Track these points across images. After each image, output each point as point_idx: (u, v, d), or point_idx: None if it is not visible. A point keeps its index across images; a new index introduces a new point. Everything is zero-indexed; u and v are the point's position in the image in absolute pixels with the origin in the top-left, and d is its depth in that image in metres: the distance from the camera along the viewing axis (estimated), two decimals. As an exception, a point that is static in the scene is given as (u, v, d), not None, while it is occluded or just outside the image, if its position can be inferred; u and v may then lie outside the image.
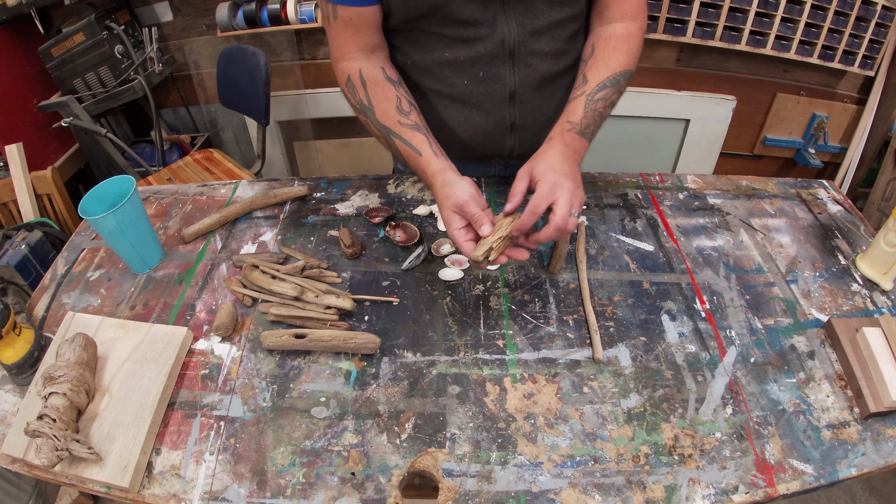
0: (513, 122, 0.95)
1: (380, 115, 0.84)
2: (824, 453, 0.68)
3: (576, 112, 0.81)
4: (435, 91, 0.92)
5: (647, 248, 0.96)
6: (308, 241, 0.99)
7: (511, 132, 0.97)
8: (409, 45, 0.89)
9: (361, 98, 0.86)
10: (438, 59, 0.87)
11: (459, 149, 0.99)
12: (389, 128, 0.83)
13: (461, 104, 0.93)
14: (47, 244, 1.71)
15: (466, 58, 0.86)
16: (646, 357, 0.79)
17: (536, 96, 0.92)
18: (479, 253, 0.70)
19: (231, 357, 0.80)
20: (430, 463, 0.67)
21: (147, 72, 2.01)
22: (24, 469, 0.68)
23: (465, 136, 0.96)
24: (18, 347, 0.75)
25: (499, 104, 0.92)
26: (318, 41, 2.17)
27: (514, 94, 0.91)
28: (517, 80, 0.89)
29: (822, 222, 1.03)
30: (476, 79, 0.89)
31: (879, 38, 2.00)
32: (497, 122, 0.94)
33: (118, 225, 0.85)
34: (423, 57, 0.88)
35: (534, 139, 0.98)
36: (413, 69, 0.91)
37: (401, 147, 0.83)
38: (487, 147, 0.99)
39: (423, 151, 0.80)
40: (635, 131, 2.18)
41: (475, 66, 0.87)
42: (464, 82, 0.89)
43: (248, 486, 0.66)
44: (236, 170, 1.96)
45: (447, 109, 0.94)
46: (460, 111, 0.93)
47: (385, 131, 0.84)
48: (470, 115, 0.94)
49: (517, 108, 0.93)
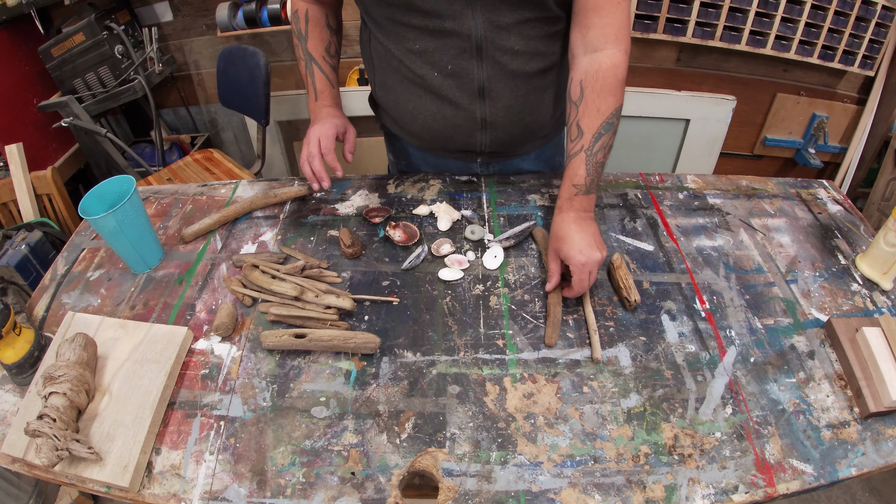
0: (483, 117, 0.96)
1: (310, 45, 1.02)
2: (824, 453, 0.68)
3: (578, 173, 0.83)
4: (409, 80, 0.95)
5: (647, 247, 0.96)
6: (308, 241, 0.99)
7: (482, 128, 0.98)
8: (385, 34, 0.92)
9: (301, 28, 1.02)
10: (410, 49, 0.90)
11: (432, 140, 1.04)
12: (314, 57, 1.02)
13: (433, 95, 0.95)
14: (47, 244, 1.71)
15: (434, 49, 0.88)
16: (646, 357, 0.79)
17: (508, 94, 0.93)
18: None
19: (231, 357, 0.80)
20: (430, 463, 0.67)
21: (147, 72, 2.01)
22: (24, 469, 0.68)
23: (437, 127, 0.99)
24: (18, 347, 0.75)
25: (469, 98, 0.93)
26: (318, 41, 2.17)
27: (482, 89, 0.92)
28: (485, 75, 0.90)
29: (822, 222, 1.03)
30: (445, 71, 0.90)
31: (879, 38, 2.00)
32: (468, 117, 0.96)
33: (118, 225, 0.85)
34: (397, 46, 0.91)
35: (506, 138, 1.00)
36: (390, 57, 0.94)
37: (317, 74, 1.02)
38: (459, 141, 1.02)
39: (321, 87, 1.02)
40: (635, 131, 2.18)
41: (444, 58, 0.89)
42: (433, 73, 0.91)
43: (248, 485, 0.66)
44: (236, 170, 1.96)
45: (421, 99, 0.96)
46: (432, 102, 0.96)
47: (308, 57, 1.02)
48: (441, 107, 0.96)
49: (487, 105, 0.94)
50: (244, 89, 1.89)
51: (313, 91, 1.02)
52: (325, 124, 0.98)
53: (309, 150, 0.96)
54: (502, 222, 1.02)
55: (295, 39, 1.04)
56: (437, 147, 1.07)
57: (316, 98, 1.02)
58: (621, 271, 0.87)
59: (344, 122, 1.01)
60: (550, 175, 1.13)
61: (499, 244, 0.96)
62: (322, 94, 1.02)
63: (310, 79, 1.02)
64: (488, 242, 0.97)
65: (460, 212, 1.03)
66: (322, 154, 0.95)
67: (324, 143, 0.96)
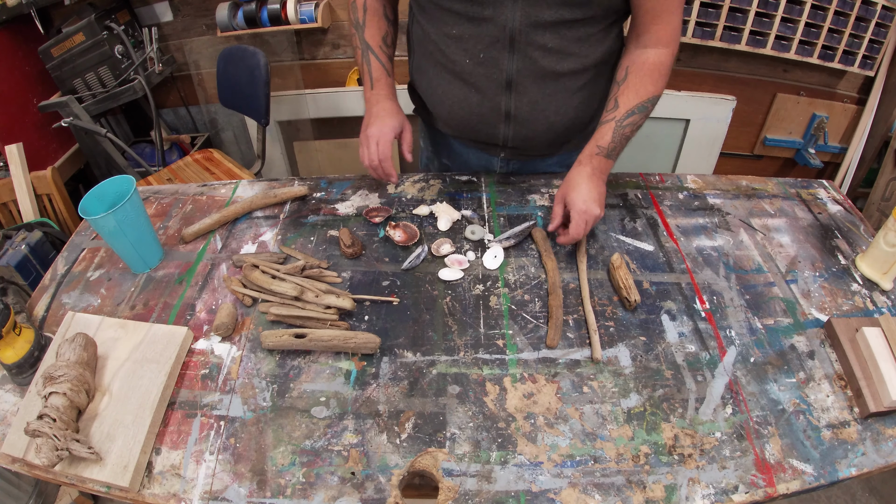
0: (508, 110, 0.97)
1: (367, 34, 1.03)
2: (824, 453, 0.68)
3: (605, 137, 0.90)
4: (442, 65, 0.97)
5: (647, 247, 0.96)
6: (308, 241, 0.99)
7: (506, 121, 0.99)
8: (425, 17, 0.95)
9: (359, 17, 1.03)
10: (447, 33, 0.93)
11: (456, 126, 1.06)
12: (371, 46, 1.02)
13: (461, 82, 0.97)
14: (47, 244, 1.71)
15: (470, 35, 0.90)
16: (646, 357, 0.79)
17: (535, 90, 0.94)
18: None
19: (231, 357, 0.80)
20: (430, 462, 0.67)
21: (147, 72, 2.01)
22: (24, 469, 0.68)
23: (462, 114, 1.01)
24: (18, 347, 0.75)
25: (495, 89, 0.94)
26: (318, 41, 2.17)
27: (510, 82, 0.93)
28: (515, 68, 0.91)
29: (822, 222, 1.03)
30: (476, 59, 0.92)
31: (879, 38, 1.99)
32: (492, 107, 0.97)
33: (118, 225, 0.85)
34: (435, 29, 0.94)
35: (529, 133, 1.00)
36: (428, 41, 0.97)
37: (373, 62, 1.02)
38: (482, 132, 1.03)
39: (377, 75, 1.03)
40: (635, 131, 2.17)
41: (477, 46, 0.90)
42: (465, 60, 0.93)
43: (248, 485, 0.66)
44: (236, 170, 1.96)
45: (450, 85, 0.99)
46: (460, 89, 0.98)
47: (365, 46, 1.03)
48: (468, 94, 0.97)
49: (513, 98, 0.95)
50: (244, 89, 1.89)
51: (369, 79, 1.03)
52: (383, 125, 0.99)
53: (370, 156, 0.99)
54: (502, 222, 1.02)
55: (352, 29, 1.05)
56: (462, 135, 1.10)
57: (372, 86, 1.03)
58: (621, 271, 0.87)
59: (401, 119, 1.02)
60: (551, 175, 1.13)
61: (499, 244, 0.96)
62: (378, 82, 1.03)
63: (366, 67, 1.03)
64: (488, 242, 0.97)
65: (460, 212, 1.03)
66: (380, 161, 0.99)
67: (381, 149, 0.98)
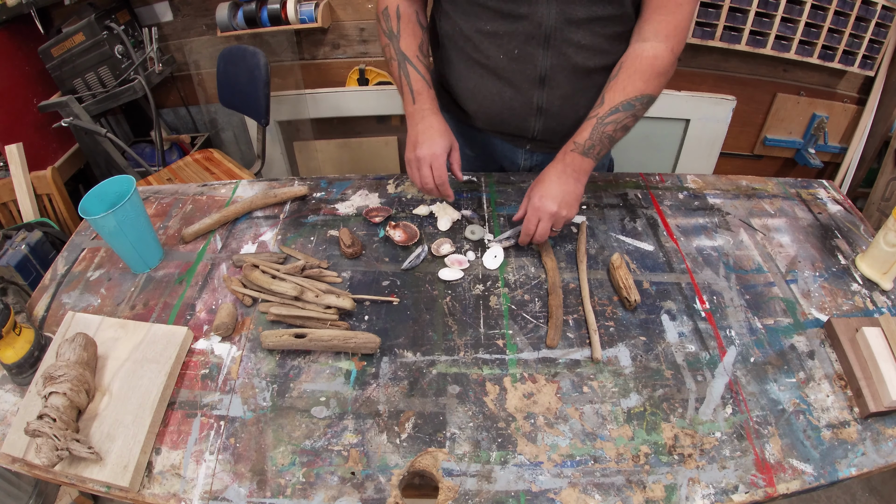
0: (540, 104, 0.97)
1: (403, 44, 0.96)
2: (824, 453, 0.68)
3: (582, 134, 0.88)
4: (474, 60, 0.97)
5: (647, 247, 0.96)
6: (308, 240, 0.99)
7: (537, 114, 0.99)
8: (458, 12, 0.94)
9: (392, 26, 0.97)
10: (481, 29, 0.92)
11: (486, 119, 1.05)
12: (408, 56, 0.95)
13: (495, 77, 0.96)
14: (47, 244, 1.71)
15: (505, 32, 0.90)
16: (646, 357, 0.79)
17: (567, 85, 0.95)
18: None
19: (231, 357, 0.80)
20: (430, 462, 0.67)
21: (147, 72, 2.00)
22: (24, 469, 0.68)
23: (494, 108, 1.00)
24: (18, 347, 0.75)
25: (529, 84, 0.95)
26: (318, 41, 2.17)
27: (544, 77, 0.93)
28: (549, 64, 0.91)
29: (822, 222, 1.03)
30: (511, 55, 0.92)
31: (879, 38, 1.99)
32: (525, 102, 0.97)
33: (118, 225, 0.85)
34: (468, 25, 0.93)
35: (558, 127, 1.01)
36: (459, 36, 0.97)
37: (412, 74, 0.95)
38: (512, 124, 1.03)
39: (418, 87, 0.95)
40: (635, 131, 2.15)
41: (511, 42, 0.91)
42: (500, 56, 0.93)
43: (248, 485, 0.66)
44: (236, 170, 1.96)
45: (482, 79, 0.98)
46: (493, 83, 0.97)
47: (402, 57, 0.96)
48: (501, 89, 0.97)
49: (546, 92, 0.95)
50: (244, 89, 1.89)
51: (410, 93, 0.96)
52: (434, 144, 0.92)
53: (424, 180, 0.93)
54: (502, 222, 1.02)
55: (384, 39, 0.99)
56: (490, 128, 1.08)
57: (414, 100, 0.96)
58: (621, 271, 0.87)
59: (451, 137, 0.96)
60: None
61: (499, 244, 0.96)
62: (420, 95, 0.96)
63: (405, 80, 0.96)
64: (488, 242, 0.97)
65: (460, 212, 1.03)
66: (437, 185, 0.93)
67: (438, 172, 0.92)
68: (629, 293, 0.84)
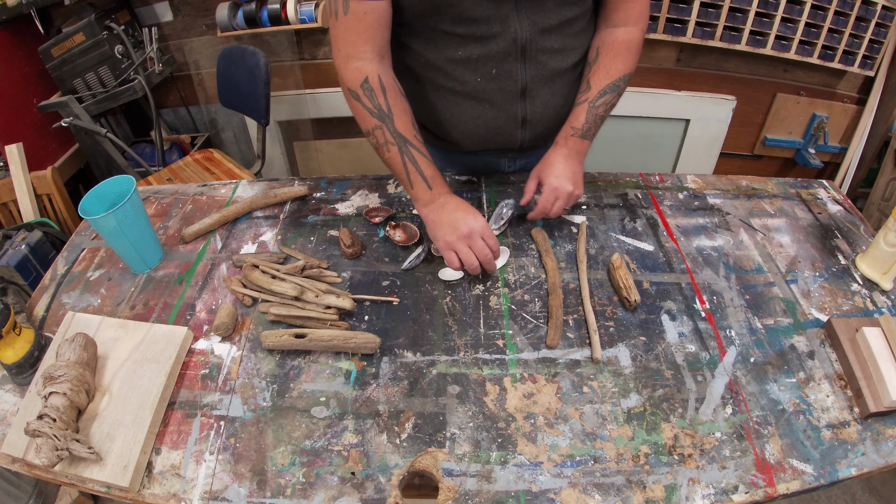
0: (524, 116, 0.96)
1: (399, 125, 0.85)
2: (824, 453, 0.68)
3: (578, 118, 0.92)
4: (447, 88, 0.93)
5: (647, 247, 0.96)
6: (308, 240, 0.99)
7: (522, 126, 0.98)
8: (421, 43, 0.89)
9: (381, 103, 0.85)
10: (451, 57, 0.88)
11: (471, 142, 1.02)
12: (408, 139, 0.86)
13: (473, 101, 0.94)
14: (47, 244, 1.71)
15: (480, 55, 0.88)
16: (646, 357, 0.79)
17: (545, 91, 0.94)
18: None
19: (231, 357, 0.80)
20: (430, 463, 0.67)
21: (147, 72, 2.01)
22: (24, 469, 0.68)
23: (478, 130, 0.99)
24: (18, 347, 0.75)
25: (510, 100, 0.94)
26: (318, 41, 2.17)
27: (525, 89, 0.92)
28: (528, 76, 0.91)
29: (822, 222, 1.03)
30: (489, 76, 0.90)
31: (879, 38, 1.99)
32: (509, 117, 0.96)
33: (118, 225, 0.85)
34: (436, 55, 0.89)
35: (542, 132, 1.01)
36: (426, 67, 0.92)
37: (419, 160, 0.86)
38: (499, 141, 1.01)
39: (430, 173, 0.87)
40: (635, 131, 2.17)
41: (488, 64, 0.89)
42: (476, 79, 0.91)
43: (248, 485, 0.66)
44: (236, 170, 1.96)
45: (459, 106, 0.96)
46: (472, 107, 0.95)
47: (402, 140, 0.85)
48: (482, 110, 0.95)
49: (528, 103, 0.95)
50: (244, 89, 1.89)
51: (423, 181, 0.87)
52: (476, 217, 0.85)
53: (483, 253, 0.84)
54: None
55: (372, 120, 0.86)
56: (477, 148, 1.05)
57: (430, 187, 0.87)
58: (621, 271, 0.87)
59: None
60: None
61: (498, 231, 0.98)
62: (434, 180, 0.87)
63: (412, 166, 0.86)
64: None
65: (460, 212, 1.03)
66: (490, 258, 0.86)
67: (491, 242, 0.85)
68: (629, 293, 0.84)
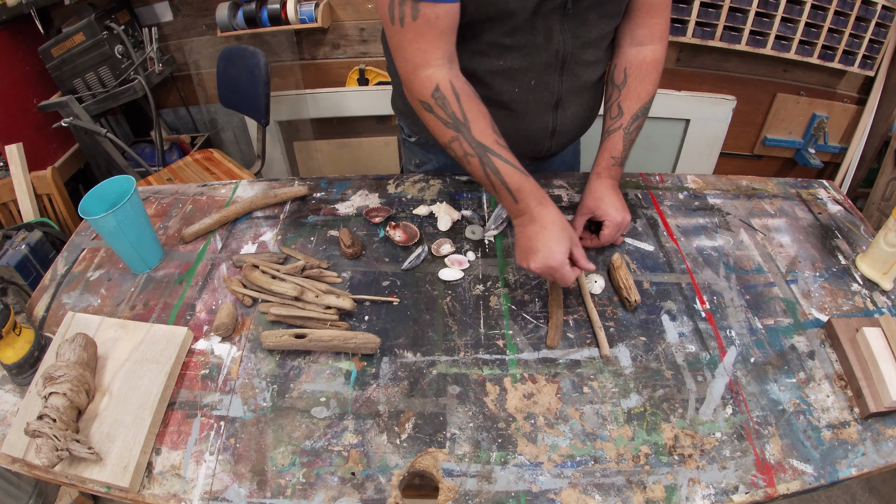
0: (554, 127, 0.97)
1: (476, 132, 0.79)
2: (824, 453, 0.68)
3: (616, 147, 0.93)
4: (483, 97, 0.85)
5: (647, 247, 0.96)
6: (308, 241, 0.99)
7: (551, 136, 0.99)
8: (463, 52, 0.84)
9: (455, 111, 0.79)
10: (491, 68, 0.87)
11: None
12: (487, 146, 0.79)
13: (507, 111, 0.92)
14: (47, 244, 1.71)
15: (521, 67, 0.87)
16: (646, 357, 0.79)
17: (575, 102, 0.95)
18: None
19: (231, 357, 0.80)
20: (430, 463, 0.67)
21: (147, 72, 2.01)
22: (24, 469, 0.68)
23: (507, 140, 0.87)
24: (18, 347, 0.75)
25: (544, 111, 0.94)
26: (318, 41, 2.17)
27: (559, 101, 0.93)
28: (564, 88, 0.91)
29: (822, 222, 1.03)
30: (527, 87, 0.90)
31: (879, 38, 1.99)
32: (540, 128, 0.96)
33: (118, 225, 0.85)
34: (477, 65, 0.87)
35: (566, 142, 1.03)
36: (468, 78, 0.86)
37: (503, 169, 0.79)
38: (527, 150, 0.99)
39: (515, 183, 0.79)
40: (635, 131, 2.17)
41: (528, 75, 0.88)
42: (514, 90, 0.90)
43: (248, 486, 0.66)
44: (236, 170, 1.96)
45: (493, 115, 0.86)
46: (506, 117, 0.91)
47: (481, 149, 0.79)
48: (515, 121, 0.94)
49: (559, 114, 0.95)
50: (244, 89, 1.89)
51: (508, 194, 0.80)
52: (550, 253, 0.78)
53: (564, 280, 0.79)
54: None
55: (448, 132, 0.80)
56: None
57: (516, 201, 0.80)
58: (621, 271, 0.87)
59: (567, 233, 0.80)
60: (551, 175, 1.13)
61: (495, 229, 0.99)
62: (520, 192, 0.79)
63: (495, 179, 0.79)
64: (486, 236, 0.97)
65: (460, 212, 1.03)
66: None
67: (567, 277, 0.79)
68: (629, 293, 0.84)
